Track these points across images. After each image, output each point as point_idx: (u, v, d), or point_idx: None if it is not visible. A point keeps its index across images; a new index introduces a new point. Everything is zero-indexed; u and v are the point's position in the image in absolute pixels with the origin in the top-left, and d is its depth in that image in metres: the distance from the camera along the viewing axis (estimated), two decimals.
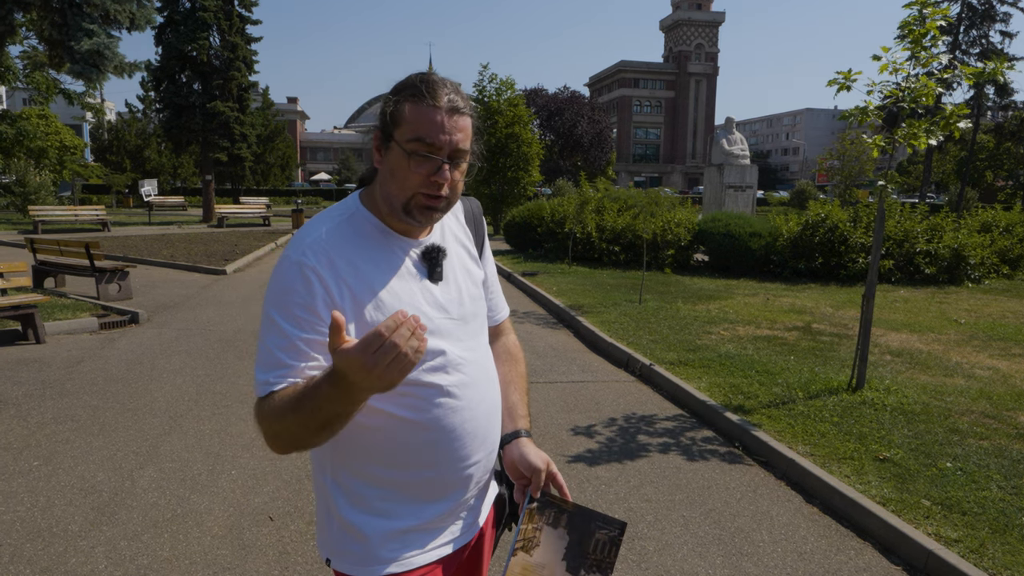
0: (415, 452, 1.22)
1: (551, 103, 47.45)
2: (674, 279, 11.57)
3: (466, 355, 1.26)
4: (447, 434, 1.23)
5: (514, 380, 1.45)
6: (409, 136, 1.15)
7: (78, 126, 44.05)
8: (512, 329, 1.57)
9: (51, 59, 17.14)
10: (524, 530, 1.27)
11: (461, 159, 1.18)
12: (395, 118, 1.17)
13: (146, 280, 11.11)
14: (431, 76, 1.18)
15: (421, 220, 1.20)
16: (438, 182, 1.16)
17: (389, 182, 1.19)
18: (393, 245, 1.23)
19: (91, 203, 32.99)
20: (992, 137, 43.01)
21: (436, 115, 1.14)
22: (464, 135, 1.17)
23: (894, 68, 4.71)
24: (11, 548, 3.02)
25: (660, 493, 3.71)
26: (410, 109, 1.15)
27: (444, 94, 1.15)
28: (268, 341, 1.14)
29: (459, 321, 1.27)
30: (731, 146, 17.43)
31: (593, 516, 1.29)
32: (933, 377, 5.69)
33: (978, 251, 12.12)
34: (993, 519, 3.23)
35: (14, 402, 5.02)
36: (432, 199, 1.17)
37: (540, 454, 1.33)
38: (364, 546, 1.23)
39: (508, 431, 1.37)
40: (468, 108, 1.18)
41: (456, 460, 1.25)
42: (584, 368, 6.31)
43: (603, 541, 1.27)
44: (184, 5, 24.40)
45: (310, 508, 3.44)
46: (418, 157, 1.14)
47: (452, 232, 1.35)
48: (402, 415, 1.20)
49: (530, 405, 1.46)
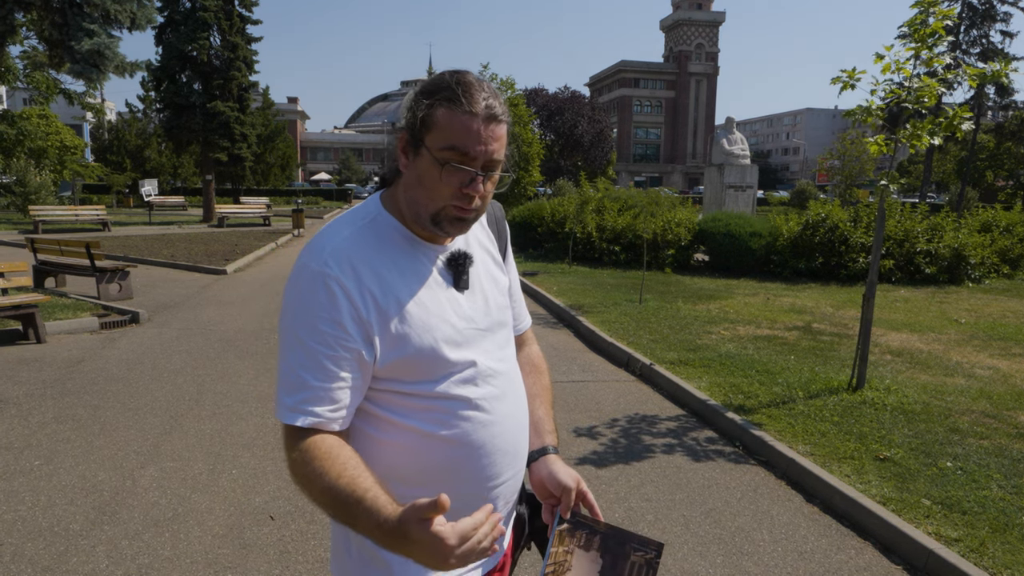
0: (441, 471, 1.14)
1: (551, 103, 47.43)
2: (674, 279, 11.57)
3: (495, 366, 1.19)
4: (475, 450, 1.15)
5: (539, 393, 1.37)
6: (442, 144, 1.06)
7: (78, 126, 44.04)
8: (535, 339, 1.49)
9: (51, 59, 17.15)
10: (555, 553, 1.18)
11: (495, 169, 1.10)
12: (427, 122, 1.07)
13: (146, 280, 11.12)
14: (467, 77, 1.08)
15: (450, 231, 1.13)
16: (470, 195, 1.08)
17: (416, 189, 1.11)
18: (418, 252, 1.16)
19: (91, 203, 32.96)
20: (992, 137, 43.00)
21: (473, 123, 1.05)
22: (500, 144, 1.09)
23: (897, 67, 4.71)
24: (12, 547, 3.03)
25: (661, 492, 3.71)
26: (444, 115, 1.06)
27: (482, 99, 1.06)
28: (291, 359, 1.07)
29: (487, 331, 1.20)
30: (731, 146, 17.43)
31: (628, 537, 1.20)
32: (933, 377, 5.69)
33: (978, 251, 12.12)
34: (993, 518, 3.23)
35: (15, 401, 5.02)
36: (463, 211, 1.10)
37: (570, 472, 1.24)
38: (384, 572, 1.14)
39: (535, 447, 1.29)
40: (505, 114, 1.10)
41: (485, 479, 1.17)
42: (585, 368, 6.31)
43: (639, 564, 1.18)
44: (184, 5, 24.41)
45: (311, 507, 3.44)
46: (451, 167, 1.06)
47: (476, 237, 1.27)
48: (428, 431, 1.12)
49: (555, 419, 1.38)
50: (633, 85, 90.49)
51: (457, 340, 1.14)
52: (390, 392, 1.13)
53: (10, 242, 16.94)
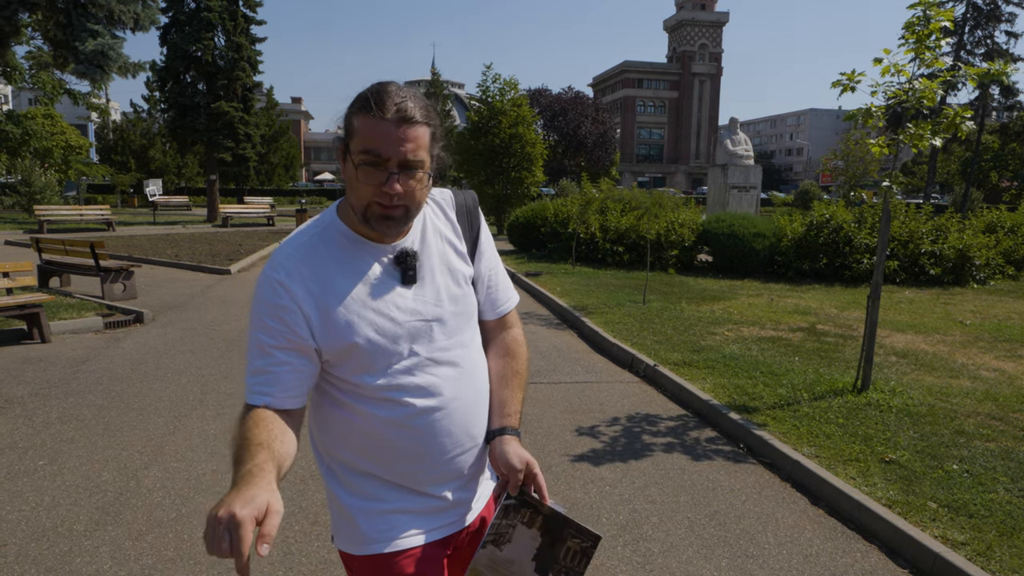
0: (395, 448, 1.29)
1: (555, 103, 47.44)
2: (678, 280, 11.55)
3: (438, 355, 1.31)
4: (423, 431, 1.29)
5: (508, 375, 1.44)
6: (359, 148, 1.18)
7: (83, 126, 44.22)
8: (518, 323, 1.54)
9: (56, 59, 17.20)
10: (497, 524, 1.29)
11: (414, 168, 1.19)
12: (349, 131, 1.21)
13: (151, 280, 11.14)
14: (384, 87, 1.19)
15: (380, 229, 1.24)
16: (388, 192, 1.18)
17: (349, 191, 1.25)
18: (363, 252, 1.28)
19: (96, 203, 33.08)
20: (997, 137, 42.88)
21: (383, 126, 1.16)
22: (416, 145, 1.18)
23: (896, 70, 4.69)
24: (16, 547, 3.03)
25: (665, 494, 3.70)
26: (359, 122, 1.18)
27: (392, 104, 1.16)
28: (248, 348, 1.27)
29: (434, 322, 1.31)
30: (735, 146, 17.39)
31: (568, 523, 1.29)
32: (938, 378, 5.67)
33: (983, 252, 12.07)
34: (1000, 521, 3.22)
35: (19, 401, 5.03)
36: (387, 208, 1.20)
37: (520, 453, 1.32)
38: (357, 527, 1.31)
39: (494, 427, 1.38)
40: (423, 116, 1.19)
41: (436, 454, 1.31)
42: (588, 369, 6.30)
43: (574, 550, 1.29)
44: (189, 5, 24.48)
45: (314, 508, 3.44)
46: (366, 168, 1.18)
47: (437, 230, 1.37)
48: (379, 414, 1.27)
49: (524, 402, 1.45)
50: (636, 85, 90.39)
51: (397, 332, 1.27)
52: (339, 379, 1.29)
53: (15, 242, 16.99)
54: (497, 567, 1.28)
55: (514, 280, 11.78)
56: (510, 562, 1.28)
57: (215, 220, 25.78)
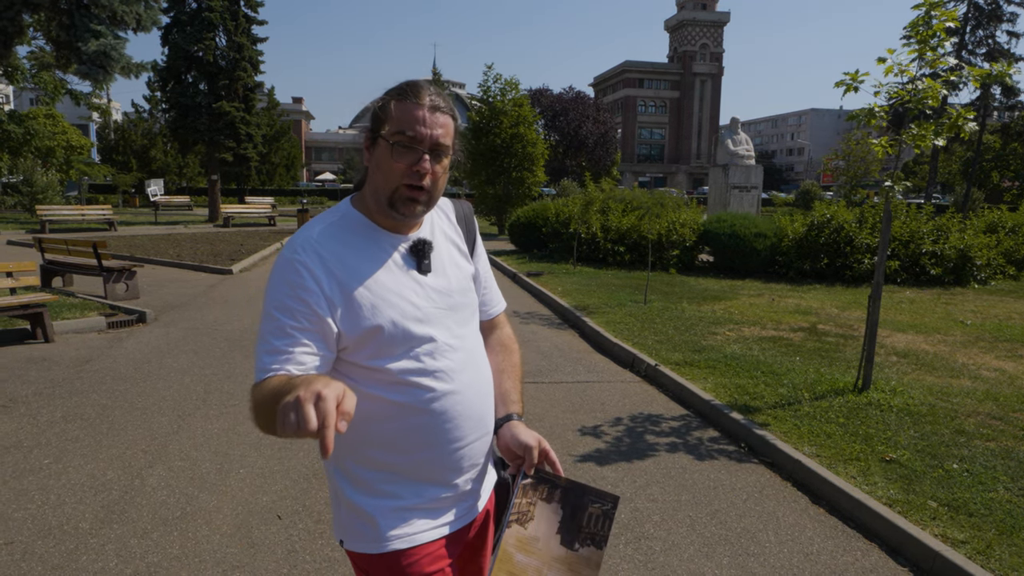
0: (411, 435, 1.30)
1: (556, 103, 47.44)
2: (679, 279, 11.56)
3: (454, 342, 1.35)
4: (439, 416, 1.31)
5: (507, 369, 1.53)
6: (394, 130, 1.25)
7: (85, 126, 44.26)
8: (507, 323, 1.64)
9: (58, 60, 17.22)
10: (518, 504, 1.32)
11: (442, 153, 1.28)
12: (382, 116, 1.28)
13: (153, 279, 11.16)
14: (416, 81, 1.30)
15: (404, 212, 1.29)
16: (419, 172, 1.25)
17: (376, 175, 1.29)
18: (381, 241, 1.33)
19: (98, 203, 33.14)
20: (998, 138, 42.81)
21: (418, 111, 1.25)
22: (445, 131, 1.27)
23: (899, 70, 4.71)
24: (23, 546, 3.05)
25: (666, 493, 3.72)
26: (395, 106, 1.26)
27: (427, 95, 1.27)
28: (264, 329, 1.24)
29: (448, 310, 1.36)
30: (736, 146, 17.40)
31: (587, 491, 1.33)
32: (939, 378, 5.68)
33: (984, 252, 12.08)
34: (1000, 520, 3.23)
35: (24, 400, 5.05)
36: (414, 190, 1.27)
37: (531, 433, 1.39)
38: (370, 526, 1.32)
39: (501, 415, 1.45)
40: (449, 110, 1.29)
41: (451, 441, 1.33)
42: (589, 368, 6.32)
43: (596, 515, 1.32)
44: (190, 6, 24.51)
45: (318, 507, 3.46)
46: (400, 148, 1.25)
47: (443, 230, 1.45)
48: (395, 399, 1.28)
49: (523, 393, 1.54)
50: (637, 85, 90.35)
51: (418, 316, 1.30)
52: (357, 365, 1.29)
53: (18, 242, 17.02)
54: (524, 546, 1.30)
55: (515, 280, 11.80)
56: (535, 539, 1.31)
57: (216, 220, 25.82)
